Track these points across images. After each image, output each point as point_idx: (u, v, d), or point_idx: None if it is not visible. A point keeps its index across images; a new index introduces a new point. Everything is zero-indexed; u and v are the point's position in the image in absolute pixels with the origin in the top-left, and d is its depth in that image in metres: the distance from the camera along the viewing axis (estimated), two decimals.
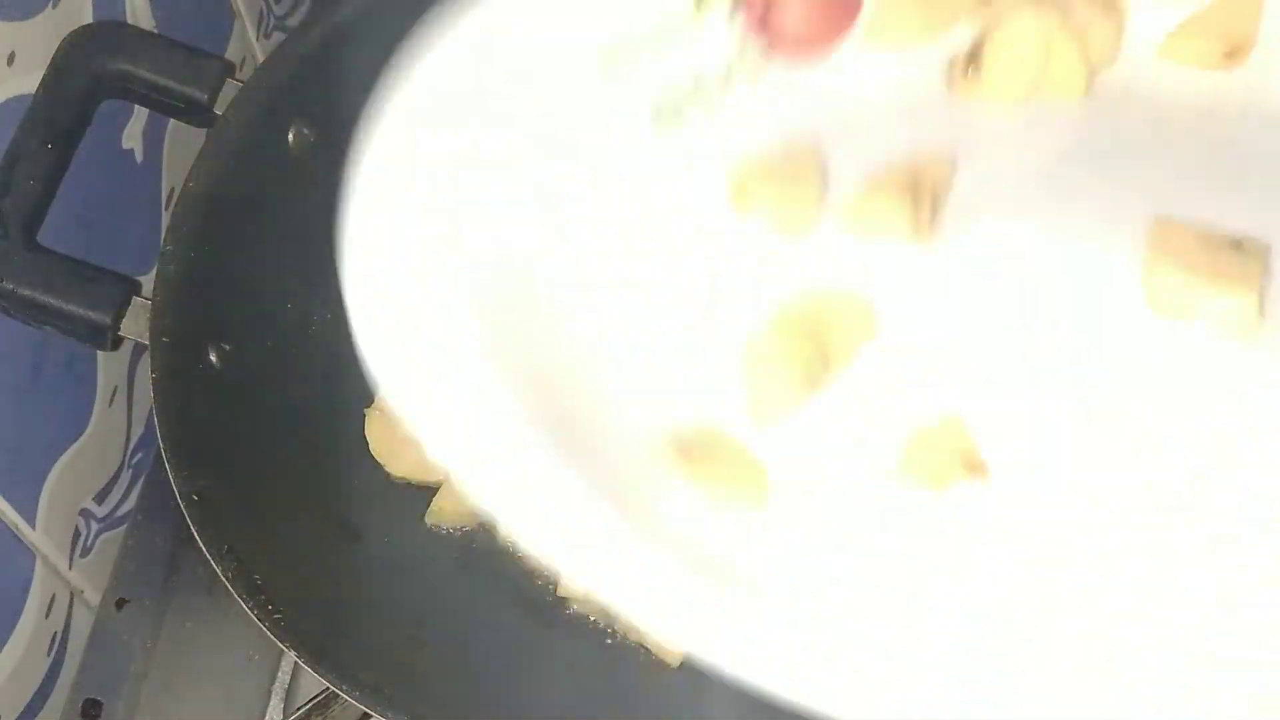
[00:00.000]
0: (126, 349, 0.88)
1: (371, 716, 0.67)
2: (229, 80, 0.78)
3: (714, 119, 0.57)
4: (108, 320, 0.72)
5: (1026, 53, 0.56)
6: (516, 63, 0.55)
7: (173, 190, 0.92)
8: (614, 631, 0.78)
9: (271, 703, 0.82)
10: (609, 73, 0.56)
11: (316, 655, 0.66)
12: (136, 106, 0.83)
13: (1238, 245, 0.54)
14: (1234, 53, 0.60)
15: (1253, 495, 0.52)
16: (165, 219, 0.91)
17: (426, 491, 0.81)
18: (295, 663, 0.79)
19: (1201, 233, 0.55)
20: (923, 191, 0.56)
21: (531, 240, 0.55)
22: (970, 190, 0.57)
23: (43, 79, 0.73)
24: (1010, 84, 0.57)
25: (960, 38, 0.59)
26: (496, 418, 0.50)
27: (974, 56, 0.58)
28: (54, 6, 0.75)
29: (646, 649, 0.77)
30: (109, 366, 0.86)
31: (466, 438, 0.50)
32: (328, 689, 0.70)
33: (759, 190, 0.56)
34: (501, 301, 0.53)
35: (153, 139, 0.89)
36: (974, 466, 0.51)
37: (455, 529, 0.81)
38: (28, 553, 0.79)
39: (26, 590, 0.79)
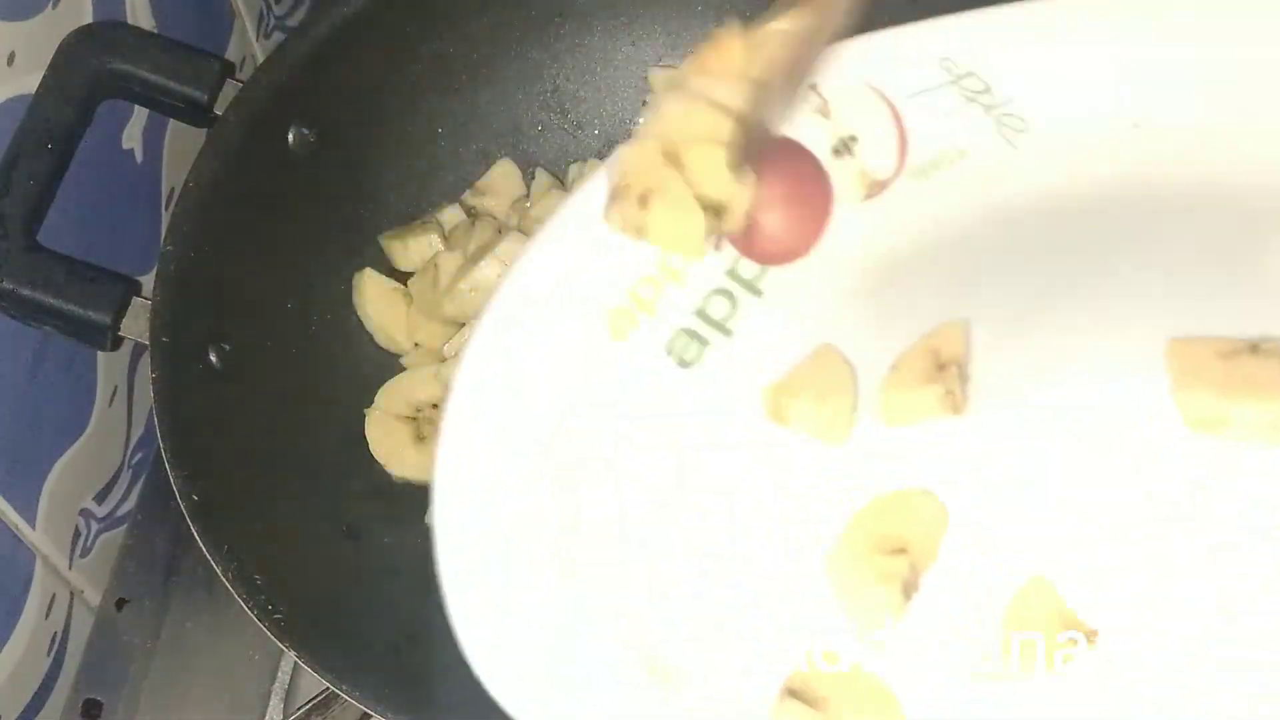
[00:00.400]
0: (126, 349, 0.88)
1: (371, 716, 0.67)
2: (229, 80, 0.78)
3: (732, 346, 0.58)
4: (108, 320, 0.72)
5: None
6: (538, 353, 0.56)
7: (173, 190, 0.93)
8: None
9: (271, 703, 0.82)
10: (619, 333, 0.56)
11: (316, 655, 0.66)
12: (136, 106, 0.83)
13: (1254, 349, 0.54)
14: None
15: (1253, 503, 0.53)
16: (165, 219, 0.92)
17: (426, 491, 0.81)
18: (295, 663, 0.79)
19: (1216, 344, 0.55)
20: (947, 365, 0.56)
21: (601, 502, 0.55)
22: (983, 349, 0.57)
23: (43, 79, 0.73)
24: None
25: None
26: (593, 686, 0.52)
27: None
28: (54, 6, 0.75)
29: None
30: (109, 366, 0.86)
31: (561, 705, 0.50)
32: (328, 689, 0.70)
33: (794, 407, 0.57)
34: (588, 561, 0.54)
35: (153, 139, 0.89)
36: (1075, 625, 0.52)
37: None
38: (28, 553, 0.79)
39: (26, 590, 0.79)
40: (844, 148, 0.60)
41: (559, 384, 0.56)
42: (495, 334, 0.56)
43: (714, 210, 0.55)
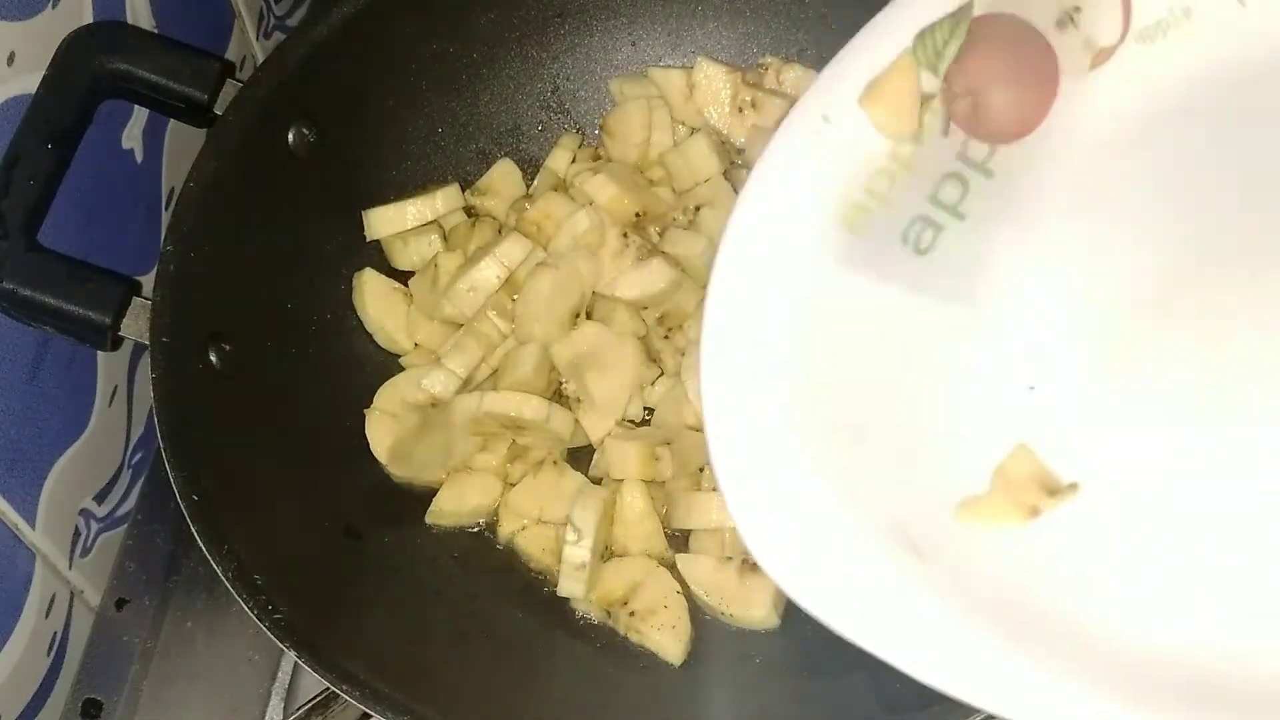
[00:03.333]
0: (126, 349, 0.88)
1: (371, 716, 0.67)
2: (229, 80, 0.78)
3: (965, 229, 0.59)
4: (108, 320, 0.72)
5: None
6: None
7: (173, 190, 0.93)
8: (614, 631, 0.78)
9: (271, 703, 0.82)
10: (855, 228, 0.57)
11: (316, 655, 0.66)
12: (136, 106, 0.83)
13: None
14: None
15: None
16: (165, 219, 0.92)
17: (426, 491, 0.82)
18: (295, 663, 0.79)
19: None
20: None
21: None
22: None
23: (43, 79, 0.74)
24: None
25: None
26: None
27: None
28: (54, 6, 0.75)
29: (647, 649, 0.77)
30: (109, 366, 0.86)
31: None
32: (328, 689, 0.70)
33: None
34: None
35: (153, 139, 0.89)
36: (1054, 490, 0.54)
37: (455, 529, 0.82)
38: (28, 553, 0.79)
39: (26, 590, 0.79)
40: (1068, 20, 0.60)
41: (803, 284, 0.57)
42: (740, 248, 0.57)
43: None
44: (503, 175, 0.90)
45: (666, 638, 0.76)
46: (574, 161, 0.90)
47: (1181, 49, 0.59)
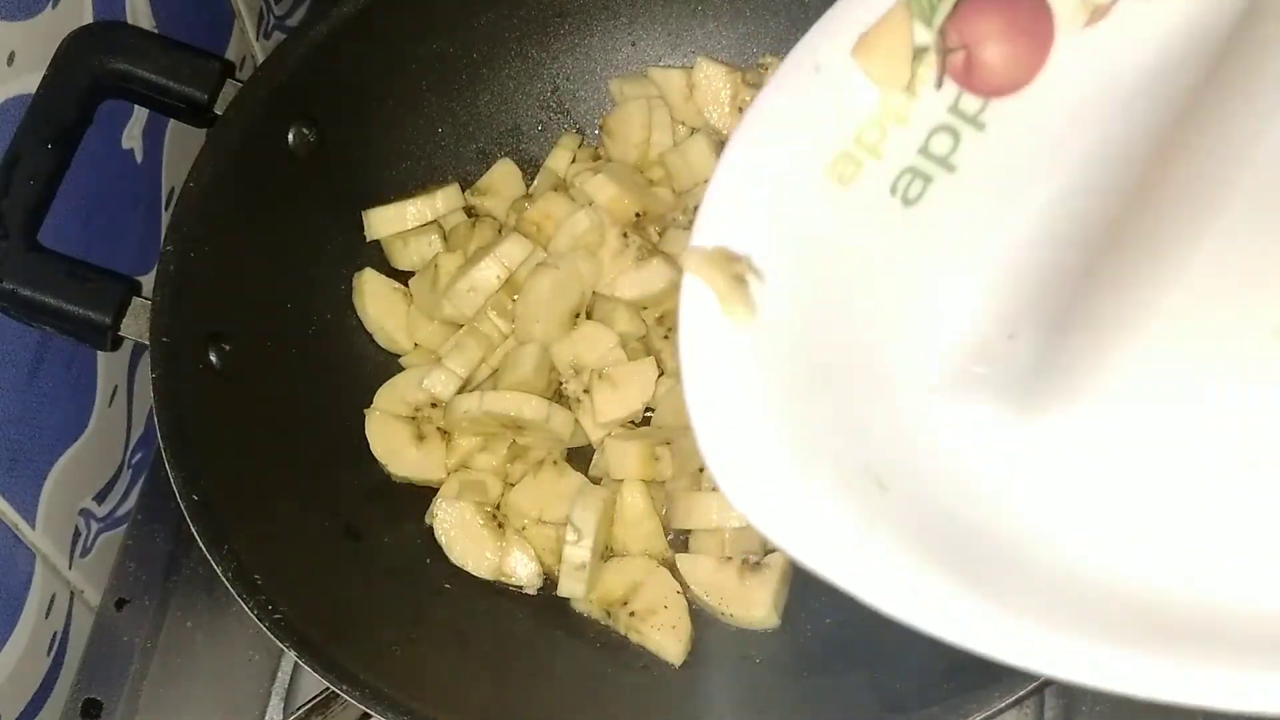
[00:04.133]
0: (126, 349, 0.88)
1: (371, 716, 0.67)
2: (229, 80, 0.78)
3: (955, 181, 0.60)
4: (108, 320, 0.72)
5: None
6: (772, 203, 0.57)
7: (173, 190, 0.93)
8: (615, 632, 0.78)
9: (271, 703, 0.82)
10: (844, 179, 0.57)
11: (316, 655, 0.66)
12: (136, 106, 0.83)
13: None
14: None
15: None
16: (165, 219, 0.92)
17: (426, 491, 0.82)
18: (295, 663, 0.79)
19: None
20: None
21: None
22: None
23: (43, 79, 0.74)
24: None
25: None
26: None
27: None
28: (54, 6, 0.75)
29: (647, 649, 0.77)
30: (109, 366, 0.86)
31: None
32: (328, 689, 0.70)
33: None
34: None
35: (153, 139, 0.89)
36: None
37: None
38: (28, 553, 0.79)
39: (26, 590, 0.79)
40: None
41: (788, 231, 0.57)
42: (725, 193, 0.57)
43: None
44: (503, 175, 0.90)
45: (666, 638, 0.76)
46: (574, 161, 0.90)
47: (1179, 3, 0.60)
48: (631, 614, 0.77)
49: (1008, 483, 0.54)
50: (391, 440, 0.81)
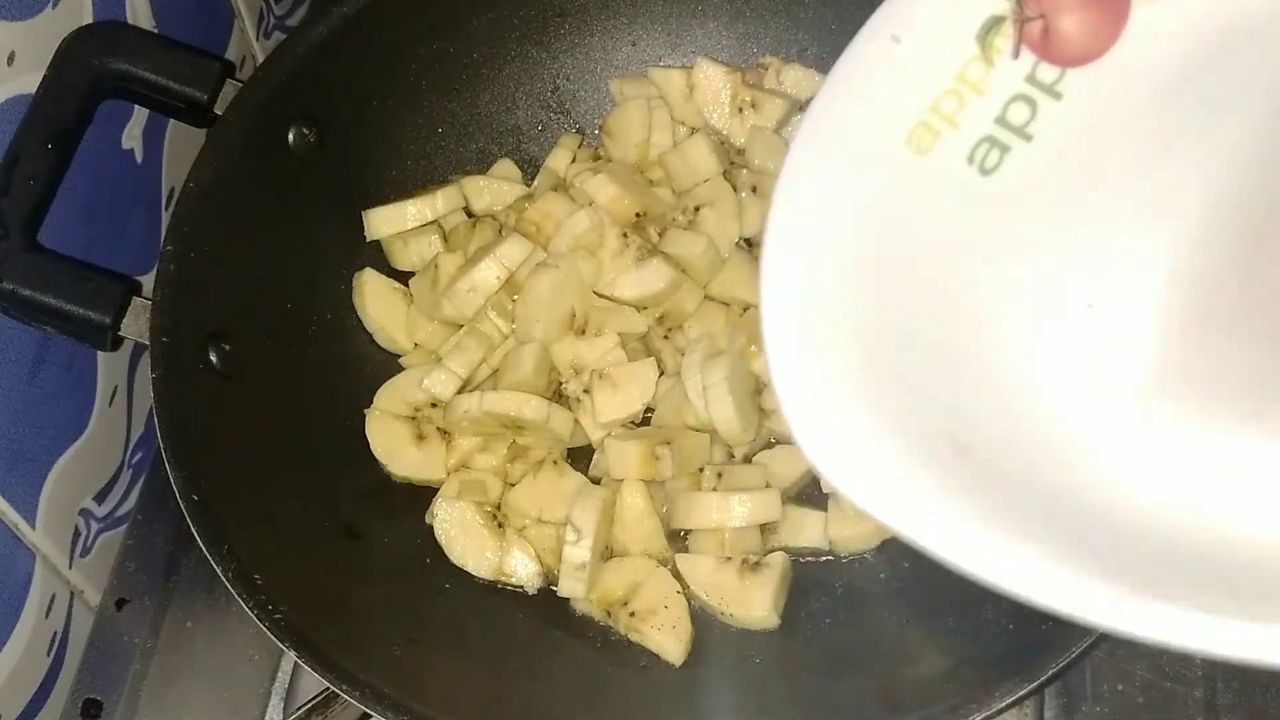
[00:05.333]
0: (126, 349, 0.88)
1: (371, 716, 0.67)
2: (229, 80, 0.78)
3: (1032, 150, 0.60)
4: (108, 320, 0.72)
5: None
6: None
7: (173, 190, 0.93)
8: (615, 632, 0.78)
9: (271, 703, 0.82)
10: (921, 149, 0.58)
11: (316, 655, 0.66)
12: (136, 106, 0.83)
13: None
14: None
15: None
16: (165, 219, 0.92)
17: (426, 491, 0.82)
18: (295, 663, 0.79)
19: None
20: None
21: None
22: None
23: (43, 79, 0.74)
24: None
25: None
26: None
27: None
28: (54, 6, 0.75)
29: (647, 649, 0.77)
30: (109, 366, 0.86)
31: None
32: (328, 689, 0.70)
33: None
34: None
35: (153, 139, 0.89)
36: None
37: None
38: (28, 553, 0.79)
39: (26, 590, 0.79)
40: None
41: (866, 200, 0.58)
42: (806, 161, 0.58)
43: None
44: (503, 175, 0.91)
45: (666, 638, 0.76)
46: (574, 161, 0.90)
47: None
48: (631, 614, 0.77)
49: (1131, 472, 0.54)
50: (391, 440, 0.81)
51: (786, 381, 0.53)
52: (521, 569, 0.79)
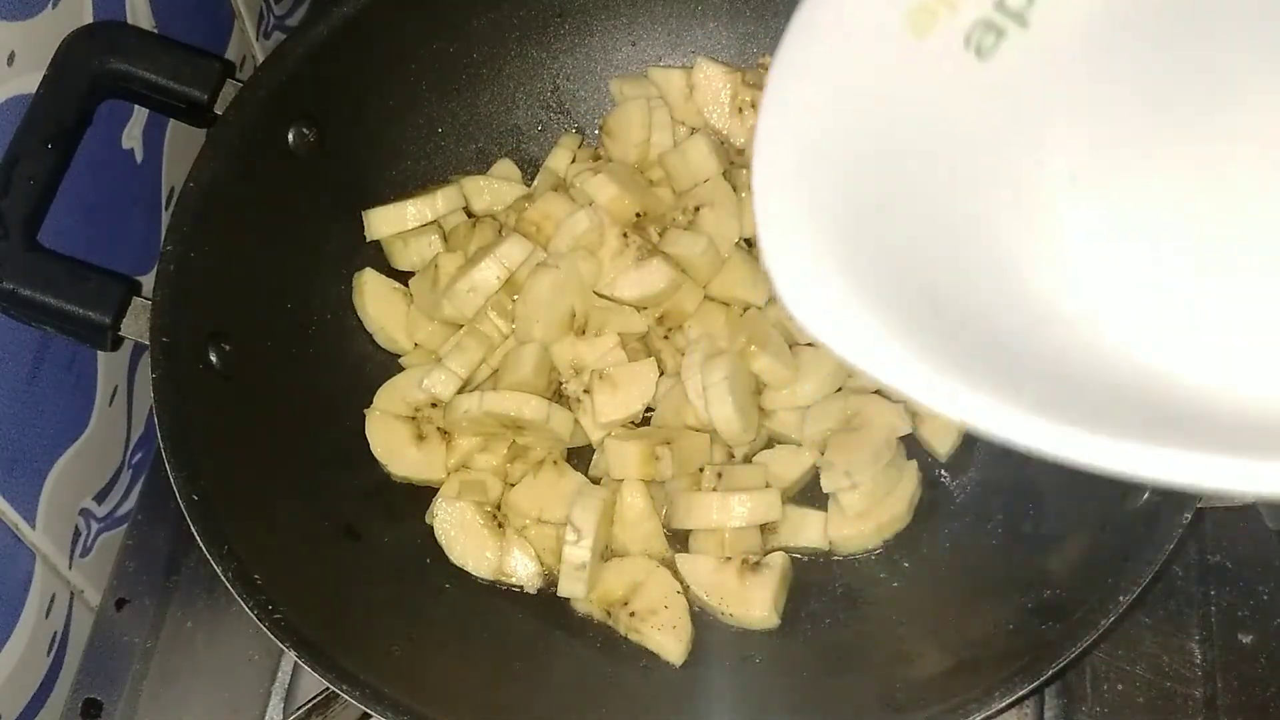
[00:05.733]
0: (126, 349, 0.88)
1: (371, 716, 0.67)
2: (229, 80, 0.78)
3: (1027, 38, 0.61)
4: (108, 320, 0.72)
5: None
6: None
7: (173, 190, 0.93)
8: (614, 631, 0.78)
9: (271, 703, 0.82)
10: (920, 30, 0.59)
11: (316, 655, 0.66)
12: (136, 106, 0.83)
13: None
14: None
15: None
16: (165, 219, 0.92)
17: (426, 491, 0.82)
18: (295, 663, 0.79)
19: None
20: None
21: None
22: None
23: (43, 79, 0.74)
24: None
25: None
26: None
27: None
28: (54, 6, 0.75)
29: (647, 649, 0.77)
30: (109, 366, 0.86)
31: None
32: (328, 689, 0.70)
33: None
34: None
35: (153, 139, 0.89)
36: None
37: None
38: (28, 553, 0.79)
39: (26, 590, 0.79)
40: None
41: (862, 77, 0.59)
42: (803, 37, 0.59)
43: None
44: (503, 175, 0.91)
45: (667, 638, 0.76)
46: (574, 161, 0.90)
47: None
48: (632, 614, 0.77)
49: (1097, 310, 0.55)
50: (391, 440, 0.81)
51: (767, 214, 0.54)
52: (521, 569, 0.79)
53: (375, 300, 0.85)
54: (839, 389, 0.83)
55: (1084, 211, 0.58)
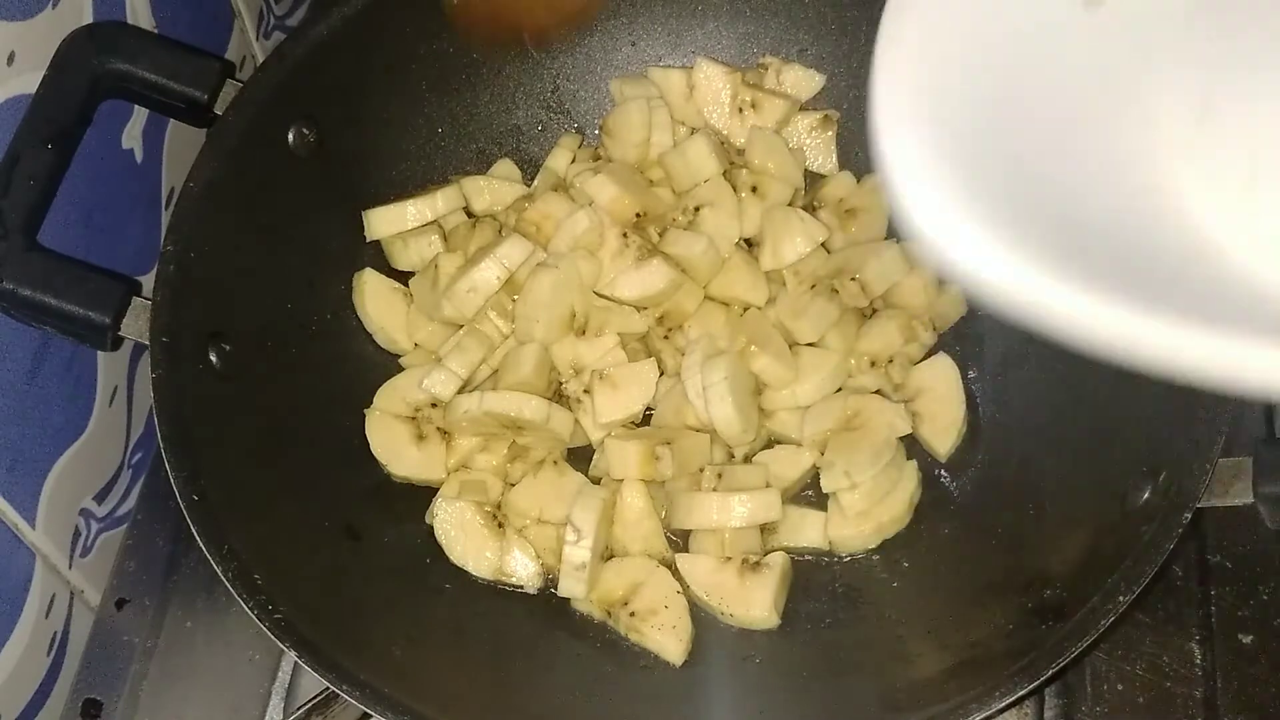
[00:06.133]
0: (126, 349, 0.88)
1: (371, 716, 0.67)
2: (229, 80, 0.78)
3: None
4: (108, 320, 0.72)
5: None
6: None
7: (173, 190, 0.93)
8: (614, 631, 0.78)
9: (271, 703, 0.82)
10: None
11: (316, 655, 0.66)
12: (136, 106, 0.83)
13: None
14: None
15: None
16: (165, 219, 0.92)
17: (426, 491, 0.82)
18: (295, 663, 0.79)
19: None
20: None
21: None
22: None
23: (43, 79, 0.74)
24: None
25: None
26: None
27: None
28: (54, 6, 0.75)
29: (647, 649, 0.77)
30: (109, 366, 0.86)
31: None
32: (328, 689, 0.70)
33: None
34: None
35: (153, 139, 0.89)
36: None
37: None
38: (28, 553, 0.79)
39: (26, 590, 0.79)
40: None
41: (975, 24, 0.58)
42: None
43: None
44: (503, 175, 0.90)
45: (667, 638, 0.76)
46: (574, 161, 0.90)
47: None
48: (632, 614, 0.77)
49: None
50: (391, 440, 0.81)
51: (895, 149, 0.53)
52: (521, 569, 0.79)
53: (375, 300, 0.85)
54: (839, 389, 0.83)
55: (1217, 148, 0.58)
